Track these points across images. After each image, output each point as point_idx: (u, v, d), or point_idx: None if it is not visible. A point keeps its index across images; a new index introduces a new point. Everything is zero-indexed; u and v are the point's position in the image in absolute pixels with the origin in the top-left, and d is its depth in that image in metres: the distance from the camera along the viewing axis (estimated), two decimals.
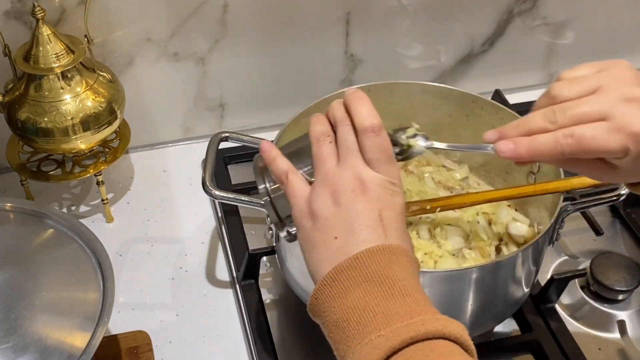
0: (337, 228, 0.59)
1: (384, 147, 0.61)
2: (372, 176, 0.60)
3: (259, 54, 1.10)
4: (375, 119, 0.62)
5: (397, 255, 0.58)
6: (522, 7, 1.16)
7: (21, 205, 0.86)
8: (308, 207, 0.61)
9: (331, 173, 0.61)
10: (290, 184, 0.63)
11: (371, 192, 0.60)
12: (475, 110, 0.95)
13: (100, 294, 0.77)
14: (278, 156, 0.65)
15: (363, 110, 0.62)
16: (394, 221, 0.60)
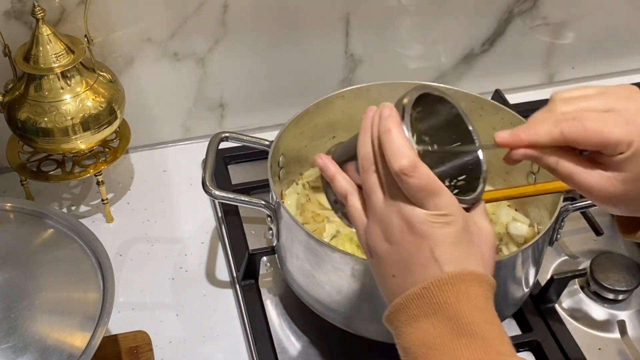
0: (394, 267, 0.59)
1: (422, 186, 0.57)
2: (417, 215, 0.57)
3: (259, 53, 1.10)
4: (405, 159, 0.56)
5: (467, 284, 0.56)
6: (522, 7, 1.16)
7: (21, 205, 0.86)
8: (366, 240, 0.61)
9: (379, 209, 0.59)
10: (349, 207, 0.63)
11: (419, 232, 0.57)
12: (475, 110, 0.95)
13: (100, 294, 0.77)
14: (337, 173, 0.65)
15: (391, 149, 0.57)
16: (448, 254, 0.57)
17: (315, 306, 0.86)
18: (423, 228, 0.57)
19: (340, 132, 1.00)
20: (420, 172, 0.56)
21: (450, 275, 0.56)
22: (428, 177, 0.57)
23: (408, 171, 0.56)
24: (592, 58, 1.27)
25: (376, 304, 0.80)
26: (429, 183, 0.57)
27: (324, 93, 0.95)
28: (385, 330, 0.83)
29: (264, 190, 0.98)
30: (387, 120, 0.59)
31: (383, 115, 0.59)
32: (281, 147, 0.92)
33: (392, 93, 0.97)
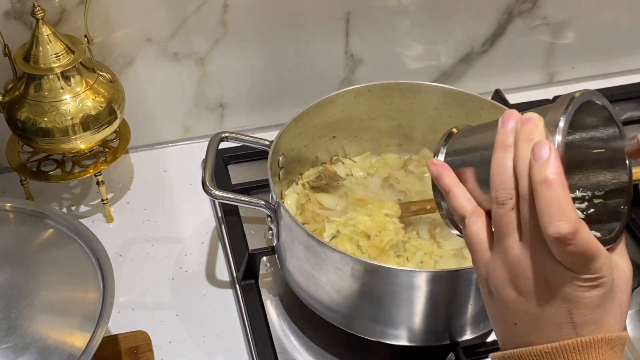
0: (517, 316, 0.53)
1: (579, 253, 0.48)
2: (560, 277, 0.50)
3: (259, 53, 1.10)
4: (565, 224, 0.47)
5: (600, 351, 0.51)
6: (522, 7, 1.16)
7: (21, 205, 0.86)
8: (486, 275, 0.54)
9: (512, 254, 0.52)
10: (468, 233, 0.55)
11: (559, 292, 0.50)
12: (475, 110, 0.95)
13: (100, 294, 0.77)
14: (453, 187, 0.57)
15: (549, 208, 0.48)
16: (588, 316, 0.51)
17: (315, 306, 0.86)
18: (567, 291, 0.50)
19: (340, 132, 1.00)
20: (580, 238, 0.48)
21: (584, 342, 0.50)
22: (587, 242, 0.48)
23: (567, 239, 0.48)
24: (592, 58, 1.27)
25: (376, 304, 0.80)
26: (588, 249, 0.49)
27: (324, 93, 0.95)
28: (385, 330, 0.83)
29: (264, 190, 0.98)
30: (546, 166, 0.49)
31: (540, 156, 0.49)
32: (281, 147, 0.92)
33: (392, 93, 0.97)
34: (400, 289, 0.78)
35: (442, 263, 0.88)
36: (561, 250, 0.49)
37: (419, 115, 0.99)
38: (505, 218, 0.52)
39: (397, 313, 0.80)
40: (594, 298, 0.51)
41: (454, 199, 0.57)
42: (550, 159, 0.49)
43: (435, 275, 0.77)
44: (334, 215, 0.94)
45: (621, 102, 1.24)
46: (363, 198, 0.96)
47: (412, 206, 0.93)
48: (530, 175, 0.50)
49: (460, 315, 0.81)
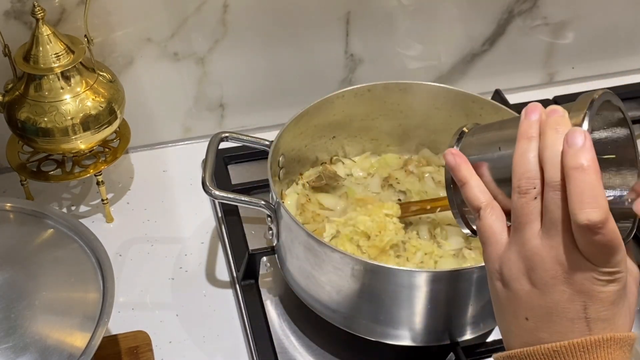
0: (531, 311, 0.52)
1: (606, 243, 0.49)
2: (580, 268, 0.50)
3: (259, 53, 1.10)
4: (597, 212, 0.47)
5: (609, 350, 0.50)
6: (522, 7, 1.16)
7: (21, 205, 0.86)
8: (500, 267, 0.54)
9: (530, 245, 0.51)
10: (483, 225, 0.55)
11: (576, 285, 0.50)
12: (475, 110, 0.95)
13: (100, 294, 0.77)
14: (471, 179, 0.56)
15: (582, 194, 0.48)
16: (602, 313, 0.50)
17: (315, 306, 0.86)
18: (585, 284, 0.50)
19: (340, 132, 1.00)
20: (609, 228, 0.48)
21: (594, 341, 0.50)
22: (614, 233, 0.49)
23: (597, 227, 0.48)
24: (592, 58, 1.27)
25: (376, 304, 0.80)
26: (613, 240, 0.49)
27: (324, 93, 0.95)
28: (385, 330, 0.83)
29: (264, 190, 0.98)
30: (581, 152, 0.49)
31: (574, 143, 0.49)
32: (281, 147, 0.92)
33: (392, 93, 0.97)
34: (400, 289, 0.78)
35: (442, 263, 0.88)
36: (588, 238, 0.48)
37: (419, 115, 0.99)
38: (527, 207, 0.51)
39: (397, 313, 0.80)
40: (609, 293, 0.50)
41: (470, 190, 0.56)
42: (585, 146, 0.49)
43: (435, 275, 0.77)
44: (334, 215, 0.94)
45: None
46: (363, 198, 0.96)
47: (412, 206, 0.93)
48: (563, 161, 0.50)
49: (460, 315, 0.82)
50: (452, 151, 0.59)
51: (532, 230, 0.52)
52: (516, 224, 0.53)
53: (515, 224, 0.53)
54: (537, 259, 0.51)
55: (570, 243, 0.50)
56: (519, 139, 0.53)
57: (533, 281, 0.52)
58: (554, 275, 0.51)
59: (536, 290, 0.52)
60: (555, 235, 0.50)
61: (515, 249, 0.53)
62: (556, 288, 0.51)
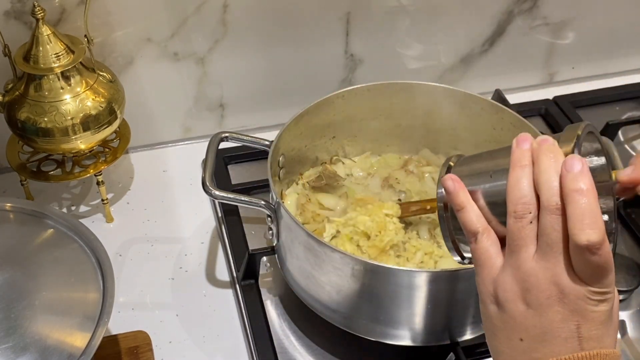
0: (525, 331, 0.53)
1: (602, 265, 0.50)
2: (575, 288, 0.52)
3: (259, 53, 1.10)
4: (596, 233, 0.49)
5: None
6: (522, 7, 1.16)
7: (21, 205, 0.86)
8: (494, 290, 0.55)
9: (526, 268, 0.53)
10: (478, 249, 0.56)
11: (570, 304, 0.52)
12: (475, 110, 0.95)
13: (100, 294, 0.77)
14: (468, 204, 0.57)
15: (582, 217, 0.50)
16: (594, 332, 0.52)
17: (315, 306, 0.86)
18: (578, 303, 0.52)
19: (340, 132, 1.00)
20: (605, 249, 0.50)
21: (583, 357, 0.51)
22: (609, 255, 0.51)
23: (595, 248, 0.50)
24: (592, 58, 1.27)
25: (376, 304, 0.80)
26: (608, 261, 0.51)
27: (324, 93, 0.95)
28: (385, 330, 0.83)
29: (264, 190, 0.98)
30: (580, 176, 0.51)
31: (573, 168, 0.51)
32: (281, 147, 0.92)
33: (392, 93, 0.97)
34: (400, 289, 0.78)
35: (442, 263, 0.88)
36: (585, 259, 0.50)
37: (419, 115, 0.99)
38: (523, 231, 0.53)
39: (397, 313, 0.80)
40: (600, 313, 0.52)
41: (468, 215, 0.58)
42: (583, 170, 0.51)
43: (435, 275, 0.77)
44: (334, 215, 0.94)
45: (621, 102, 1.24)
46: (363, 198, 0.96)
47: (412, 206, 0.93)
48: (562, 185, 0.52)
49: (460, 315, 0.81)
50: (451, 177, 0.60)
51: (528, 253, 0.53)
52: (512, 247, 0.54)
53: (510, 247, 0.54)
54: (532, 280, 0.53)
55: (566, 264, 0.51)
56: (513, 167, 0.55)
57: (528, 302, 0.53)
58: (549, 296, 0.52)
59: (531, 311, 0.53)
60: (551, 257, 0.52)
61: (510, 271, 0.54)
62: (551, 309, 0.52)
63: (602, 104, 1.24)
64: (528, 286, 0.53)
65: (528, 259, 0.53)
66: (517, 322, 0.54)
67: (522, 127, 0.91)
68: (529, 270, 0.53)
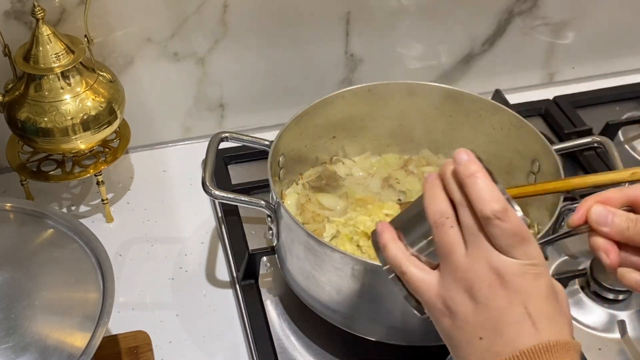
0: (480, 328, 0.55)
1: (515, 231, 0.53)
2: (508, 265, 0.54)
3: (259, 53, 1.10)
4: (497, 203, 0.53)
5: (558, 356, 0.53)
6: (522, 7, 1.16)
7: (21, 205, 0.86)
8: (442, 303, 0.56)
9: (462, 266, 0.55)
10: (409, 278, 0.58)
11: (511, 284, 0.54)
12: (475, 110, 0.95)
13: (100, 294, 0.77)
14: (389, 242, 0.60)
15: (482, 194, 0.54)
16: (543, 309, 0.54)
17: (315, 306, 0.86)
18: (516, 280, 0.53)
19: (340, 132, 1.00)
20: (512, 216, 0.53)
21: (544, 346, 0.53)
22: (519, 222, 0.54)
23: (501, 215, 0.53)
24: (592, 58, 1.27)
25: (376, 304, 0.80)
26: (521, 228, 0.54)
27: (324, 93, 0.95)
28: (385, 330, 0.83)
29: (264, 190, 0.98)
30: (469, 164, 0.55)
31: (462, 160, 0.56)
32: (281, 147, 0.92)
33: (392, 93, 0.97)
34: None
35: None
36: (499, 230, 0.53)
37: (419, 115, 0.99)
38: (447, 236, 0.56)
39: (397, 313, 0.80)
40: (540, 287, 0.54)
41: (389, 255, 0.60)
42: (470, 159, 0.56)
43: None
44: (334, 215, 0.94)
45: (621, 102, 1.24)
46: (363, 198, 0.96)
47: None
48: (457, 177, 0.56)
49: None
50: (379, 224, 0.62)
51: (459, 253, 0.55)
52: (443, 255, 0.56)
53: (443, 256, 0.57)
54: (471, 275, 0.55)
55: (493, 248, 0.54)
56: (424, 192, 0.59)
57: (475, 298, 0.55)
58: (490, 283, 0.54)
59: (481, 305, 0.55)
60: (478, 245, 0.54)
61: (449, 277, 0.56)
62: (496, 294, 0.54)
63: (602, 104, 1.23)
64: (470, 282, 0.55)
65: (461, 258, 0.55)
66: (472, 323, 0.55)
67: (522, 127, 0.91)
68: (465, 266, 0.55)
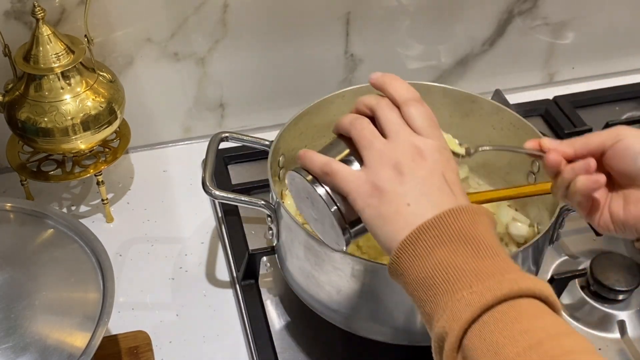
0: (408, 196, 0.60)
1: (430, 114, 0.63)
2: (427, 142, 0.61)
3: (259, 54, 1.10)
4: (415, 92, 0.64)
5: (480, 215, 0.58)
6: (522, 7, 1.16)
7: (21, 205, 0.86)
8: (371, 185, 0.61)
9: (385, 149, 0.61)
10: (338, 172, 0.63)
11: (430, 157, 0.61)
12: (475, 110, 0.95)
13: (100, 294, 0.77)
14: (313, 154, 0.65)
15: (401, 86, 0.64)
16: (457, 182, 0.61)
17: (315, 306, 0.86)
18: (434, 154, 0.61)
19: None
20: (425, 104, 0.63)
21: (464, 208, 0.58)
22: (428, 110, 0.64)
23: (419, 99, 0.63)
24: (592, 58, 1.27)
25: (376, 304, 0.80)
26: (433, 115, 0.63)
27: (324, 93, 0.95)
28: (385, 330, 0.83)
29: (264, 190, 0.99)
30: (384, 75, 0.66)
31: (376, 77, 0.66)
32: (281, 147, 0.92)
33: None
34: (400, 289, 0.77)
35: None
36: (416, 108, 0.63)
37: None
38: (365, 130, 0.63)
39: (397, 313, 0.80)
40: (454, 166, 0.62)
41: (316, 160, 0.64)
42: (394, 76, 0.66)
43: None
44: None
45: (621, 102, 1.24)
46: None
47: None
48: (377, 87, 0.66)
49: None
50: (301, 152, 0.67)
51: (380, 140, 0.62)
52: (366, 147, 0.62)
53: (364, 148, 0.62)
54: (396, 154, 0.61)
55: (412, 132, 0.62)
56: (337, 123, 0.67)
57: (401, 171, 0.60)
58: (413, 157, 0.61)
59: (406, 176, 0.60)
60: (398, 131, 0.62)
61: (375, 163, 0.61)
62: (419, 166, 0.60)
63: (602, 104, 1.23)
64: (395, 159, 0.61)
65: (383, 143, 0.62)
66: (400, 193, 0.60)
67: (522, 127, 0.91)
68: (390, 149, 0.61)
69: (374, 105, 0.65)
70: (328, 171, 0.63)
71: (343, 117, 0.66)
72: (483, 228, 0.58)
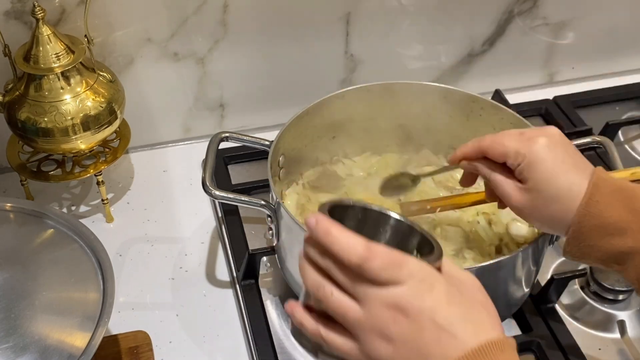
0: None
1: (387, 262, 0.54)
2: (400, 294, 0.54)
3: (259, 53, 1.10)
4: (357, 246, 0.54)
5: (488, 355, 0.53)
6: (522, 7, 1.16)
7: (21, 205, 0.86)
8: (366, 356, 0.56)
9: (362, 320, 0.55)
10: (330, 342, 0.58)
11: (412, 310, 0.54)
12: (475, 110, 0.95)
13: (100, 294, 0.77)
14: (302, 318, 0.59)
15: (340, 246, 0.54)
16: (450, 315, 0.54)
17: None
18: (413, 304, 0.54)
19: (340, 132, 1.00)
20: (378, 251, 0.54)
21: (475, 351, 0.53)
22: (387, 252, 0.54)
23: (367, 254, 0.53)
24: (592, 58, 1.27)
25: None
26: (391, 256, 0.54)
27: (324, 93, 0.95)
28: None
29: (264, 190, 0.99)
30: (319, 224, 0.55)
31: (312, 225, 0.55)
32: (281, 147, 0.92)
33: (392, 93, 0.97)
34: None
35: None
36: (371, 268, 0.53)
37: (418, 115, 0.99)
38: (333, 303, 0.56)
39: None
40: (438, 297, 0.54)
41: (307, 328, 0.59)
42: (319, 219, 0.55)
43: None
44: None
45: (621, 102, 1.24)
46: (363, 198, 0.96)
47: (413, 206, 0.93)
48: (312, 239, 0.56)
49: None
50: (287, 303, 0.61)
51: (355, 309, 0.55)
52: (341, 321, 0.56)
53: (341, 322, 0.56)
54: (374, 321, 0.54)
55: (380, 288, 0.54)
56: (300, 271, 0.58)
57: (389, 338, 0.54)
58: (395, 319, 0.54)
59: (397, 342, 0.54)
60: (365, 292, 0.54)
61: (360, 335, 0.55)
62: (403, 327, 0.54)
63: (602, 104, 1.24)
64: (377, 328, 0.54)
65: (358, 314, 0.55)
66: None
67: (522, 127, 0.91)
68: (365, 318, 0.55)
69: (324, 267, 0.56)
70: (321, 342, 0.58)
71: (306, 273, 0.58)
72: None
